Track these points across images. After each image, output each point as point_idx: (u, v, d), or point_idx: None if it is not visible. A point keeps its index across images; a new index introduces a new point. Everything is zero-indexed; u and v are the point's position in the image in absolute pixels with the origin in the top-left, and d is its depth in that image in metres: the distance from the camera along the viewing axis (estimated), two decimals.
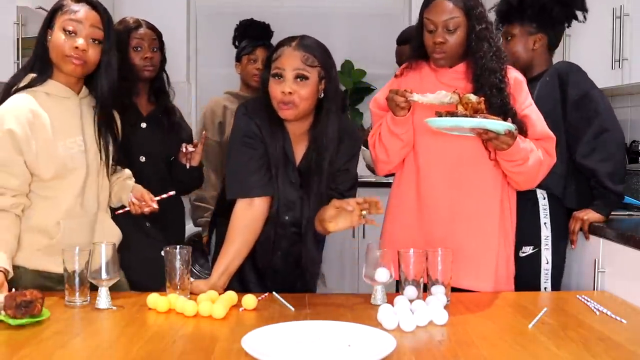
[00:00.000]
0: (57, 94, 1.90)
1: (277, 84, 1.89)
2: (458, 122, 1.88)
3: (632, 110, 3.23)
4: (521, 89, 2.07)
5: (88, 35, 1.86)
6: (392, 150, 2.09)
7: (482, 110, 1.90)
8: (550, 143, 2.07)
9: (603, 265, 2.29)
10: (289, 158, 1.98)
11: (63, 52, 1.85)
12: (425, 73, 2.10)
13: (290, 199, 1.99)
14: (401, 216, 2.13)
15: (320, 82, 1.92)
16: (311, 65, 1.89)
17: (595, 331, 1.57)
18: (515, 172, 2.01)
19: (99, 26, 1.88)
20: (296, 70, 1.88)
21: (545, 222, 2.33)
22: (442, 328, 1.59)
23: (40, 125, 1.85)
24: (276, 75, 1.90)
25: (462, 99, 1.90)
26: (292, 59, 1.89)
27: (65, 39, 1.85)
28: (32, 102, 1.86)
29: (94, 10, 1.89)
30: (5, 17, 2.93)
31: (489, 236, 2.06)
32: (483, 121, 1.87)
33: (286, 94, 1.87)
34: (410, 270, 1.76)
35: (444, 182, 2.05)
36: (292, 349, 1.41)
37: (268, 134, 1.96)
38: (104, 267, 1.73)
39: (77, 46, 1.84)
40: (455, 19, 1.99)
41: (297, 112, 1.90)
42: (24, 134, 1.81)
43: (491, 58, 2.01)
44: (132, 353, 1.40)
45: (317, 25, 4.70)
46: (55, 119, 1.88)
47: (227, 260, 1.92)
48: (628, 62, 2.81)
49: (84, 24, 1.86)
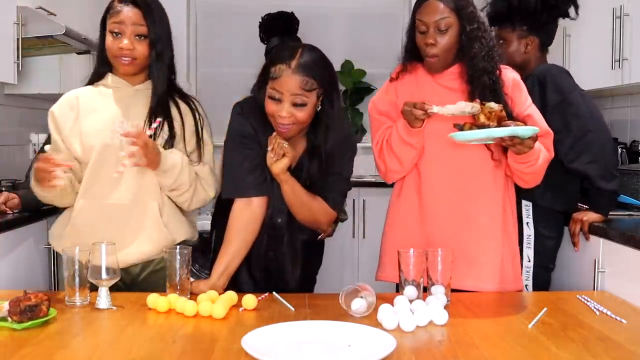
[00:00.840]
0: (113, 85, 2.06)
1: (274, 105, 1.88)
2: (490, 134, 1.82)
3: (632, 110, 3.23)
4: (520, 89, 2.07)
5: (132, 34, 1.98)
6: (406, 160, 2.06)
7: (504, 118, 1.86)
8: (549, 139, 2.06)
9: (603, 265, 2.29)
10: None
11: (113, 54, 2.00)
12: (421, 75, 2.09)
13: (283, 202, 1.99)
14: (403, 220, 2.12)
15: (318, 100, 1.91)
16: (310, 89, 1.86)
17: (595, 331, 1.57)
18: (527, 172, 2.00)
19: (140, 22, 1.98)
20: (294, 97, 1.85)
21: (527, 221, 2.36)
22: (442, 328, 1.59)
23: (82, 109, 2.02)
24: (273, 97, 1.88)
25: (483, 108, 1.85)
26: (290, 84, 1.84)
27: (113, 41, 1.99)
28: (83, 91, 2.07)
29: (136, 7, 1.99)
30: (5, 17, 2.93)
31: (492, 238, 2.05)
32: (515, 129, 1.81)
33: (283, 117, 1.87)
34: (410, 271, 1.76)
35: (446, 186, 2.04)
36: (292, 349, 1.41)
37: (263, 134, 1.96)
38: (104, 267, 1.73)
39: (121, 47, 1.96)
40: (446, 19, 1.97)
41: (293, 132, 1.91)
42: (61, 114, 2.05)
43: (483, 58, 1.99)
44: (132, 353, 1.40)
45: (317, 25, 4.71)
46: (104, 107, 2.02)
47: (226, 260, 1.92)
48: (628, 62, 2.81)
49: (126, 24, 1.98)
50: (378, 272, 2.19)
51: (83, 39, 3.39)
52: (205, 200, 2.10)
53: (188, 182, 2.01)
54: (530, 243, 2.34)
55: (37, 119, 4.11)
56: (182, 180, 2.00)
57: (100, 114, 2.03)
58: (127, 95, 2.05)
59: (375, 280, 2.15)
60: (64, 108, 2.05)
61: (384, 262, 2.16)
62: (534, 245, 2.35)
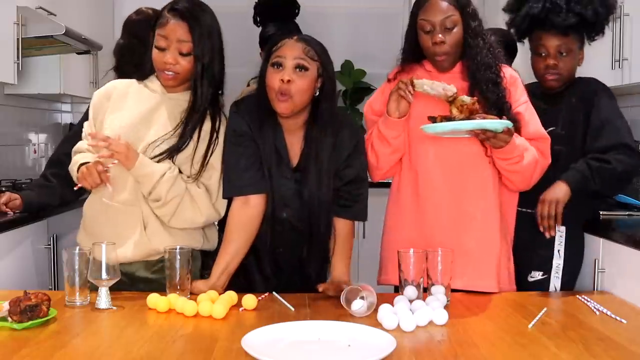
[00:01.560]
0: (150, 87, 2.02)
1: (276, 73, 1.90)
2: (456, 126, 1.88)
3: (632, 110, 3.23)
4: (516, 85, 2.08)
5: (175, 50, 1.93)
6: (381, 155, 2.07)
7: (477, 111, 1.90)
8: (545, 143, 2.06)
9: (603, 265, 2.28)
10: (282, 154, 1.97)
11: (157, 67, 1.96)
12: (419, 76, 2.09)
13: (286, 195, 1.98)
14: (401, 221, 2.12)
15: (317, 78, 1.93)
16: (312, 58, 1.91)
17: (595, 331, 1.57)
18: (511, 171, 2.01)
19: (185, 38, 1.92)
20: (297, 60, 1.89)
21: (559, 249, 2.23)
22: (442, 328, 1.59)
23: (112, 104, 2.00)
24: (276, 64, 1.91)
25: (455, 101, 1.91)
26: (293, 49, 1.91)
27: (158, 53, 1.94)
28: (122, 85, 2.05)
29: (183, 21, 1.93)
30: (5, 17, 2.93)
31: (490, 237, 2.05)
32: (482, 122, 1.87)
33: (285, 82, 1.87)
34: (410, 271, 1.76)
35: (443, 186, 2.04)
36: (292, 349, 1.41)
37: (258, 131, 1.96)
38: (104, 267, 1.73)
39: (165, 61, 1.92)
40: (451, 17, 1.99)
41: (292, 106, 1.89)
42: (98, 102, 2.04)
43: (486, 54, 2.02)
44: (132, 353, 1.40)
45: (317, 25, 4.69)
46: (130, 107, 1.99)
47: (225, 260, 1.92)
48: (628, 62, 2.81)
49: (170, 39, 1.93)
50: (379, 275, 2.18)
51: (83, 39, 3.40)
52: (193, 221, 1.96)
53: (166, 196, 1.91)
54: (558, 273, 2.21)
55: (37, 119, 4.13)
56: (159, 192, 1.91)
57: (124, 113, 1.98)
58: (159, 101, 2.00)
59: (377, 284, 2.14)
60: (102, 97, 2.04)
61: (385, 265, 2.15)
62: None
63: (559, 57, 2.27)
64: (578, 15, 2.22)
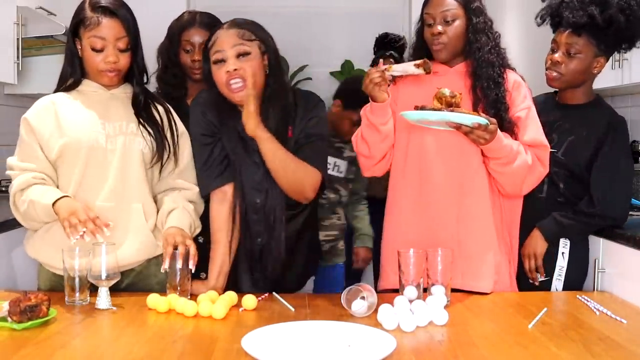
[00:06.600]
0: (90, 90, 1.96)
1: (221, 67, 1.90)
2: (424, 115, 1.91)
3: (632, 110, 3.23)
4: (519, 91, 2.06)
5: (115, 48, 1.90)
6: (372, 143, 2.06)
7: (456, 104, 1.91)
8: (544, 151, 2.04)
9: (603, 265, 2.28)
10: (247, 141, 1.96)
11: (97, 68, 1.91)
12: (422, 77, 2.09)
13: (257, 180, 1.98)
14: (401, 221, 2.11)
15: (262, 56, 1.93)
16: (249, 39, 1.90)
17: (595, 331, 1.57)
18: (499, 172, 2.00)
19: (122, 35, 1.90)
20: (236, 47, 1.89)
21: (563, 251, 2.20)
22: (442, 328, 1.59)
23: (61, 113, 1.91)
24: (217, 61, 1.91)
25: (436, 93, 1.92)
26: (228, 37, 1.90)
27: (96, 56, 1.90)
28: (56, 97, 1.95)
29: (115, 18, 1.89)
30: (5, 17, 2.93)
31: (489, 237, 2.05)
32: (448, 114, 1.88)
33: (231, 72, 1.87)
34: (410, 271, 1.75)
35: (444, 186, 2.03)
36: (292, 349, 1.41)
37: (219, 124, 1.98)
38: (104, 267, 1.73)
39: (107, 62, 1.90)
40: (452, 10, 2.00)
41: (248, 92, 1.87)
42: (38, 120, 1.92)
43: (489, 51, 2.02)
44: (132, 353, 1.40)
45: (317, 25, 4.71)
46: (83, 110, 1.93)
47: (218, 262, 1.94)
48: (628, 62, 2.80)
49: (108, 39, 1.89)
50: (379, 281, 2.16)
51: None
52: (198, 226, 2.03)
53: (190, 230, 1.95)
54: (561, 276, 2.20)
55: None
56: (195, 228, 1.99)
57: (81, 116, 1.93)
58: (105, 99, 1.96)
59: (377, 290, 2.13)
60: (40, 113, 1.93)
61: (386, 270, 2.12)
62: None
63: (565, 57, 2.20)
64: (589, 16, 2.13)
